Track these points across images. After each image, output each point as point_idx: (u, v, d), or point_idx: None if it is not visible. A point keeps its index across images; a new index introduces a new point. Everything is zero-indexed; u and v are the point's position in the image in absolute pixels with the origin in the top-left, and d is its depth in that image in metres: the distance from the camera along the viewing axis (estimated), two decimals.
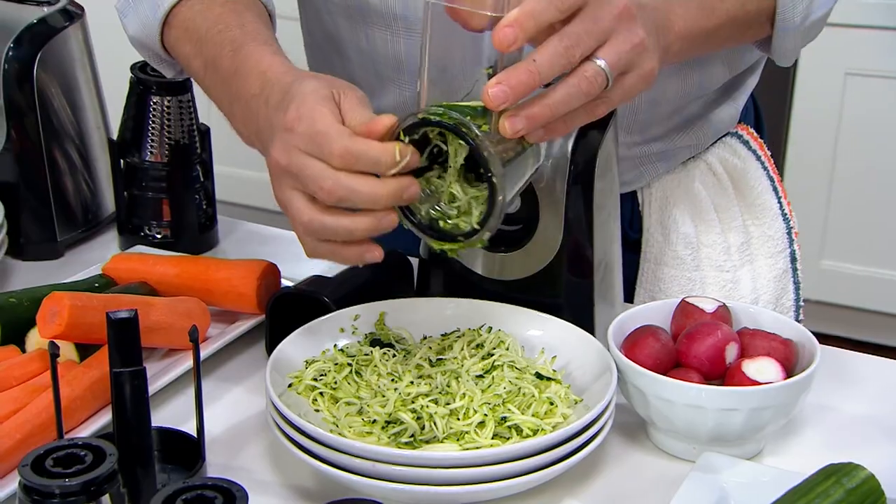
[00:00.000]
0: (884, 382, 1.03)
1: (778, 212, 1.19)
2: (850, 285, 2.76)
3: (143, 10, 1.06)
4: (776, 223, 1.19)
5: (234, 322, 1.06)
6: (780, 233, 1.19)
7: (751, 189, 1.18)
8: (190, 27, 1.03)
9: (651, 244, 1.17)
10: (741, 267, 1.18)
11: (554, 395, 0.88)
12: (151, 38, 1.07)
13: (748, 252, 1.18)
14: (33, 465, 0.74)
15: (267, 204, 3.26)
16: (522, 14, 0.80)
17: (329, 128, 0.83)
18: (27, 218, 1.21)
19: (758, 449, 0.92)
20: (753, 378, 0.89)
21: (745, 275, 1.18)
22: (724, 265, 1.17)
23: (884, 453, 0.92)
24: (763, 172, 1.20)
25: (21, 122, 1.18)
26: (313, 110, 0.84)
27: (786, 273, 1.20)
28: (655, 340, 0.92)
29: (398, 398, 0.86)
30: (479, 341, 0.95)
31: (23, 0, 1.22)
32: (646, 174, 1.17)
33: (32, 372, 0.93)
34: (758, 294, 1.17)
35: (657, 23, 0.90)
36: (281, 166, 0.86)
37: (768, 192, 1.20)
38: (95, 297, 0.96)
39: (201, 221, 1.24)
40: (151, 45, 1.08)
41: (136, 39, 1.10)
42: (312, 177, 0.83)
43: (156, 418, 0.84)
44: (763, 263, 1.19)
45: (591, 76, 0.82)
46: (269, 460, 0.91)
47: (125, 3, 1.09)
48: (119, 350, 0.81)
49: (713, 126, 1.18)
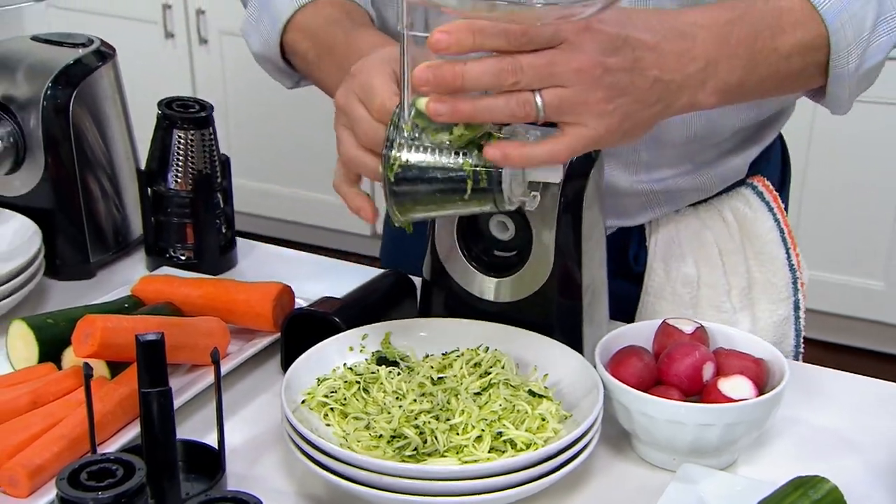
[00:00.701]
0: (848, 397, 1.03)
1: (785, 262, 1.14)
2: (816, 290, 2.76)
3: (265, 26, 1.12)
4: (782, 272, 1.14)
5: (252, 339, 1.07)
6: (785, 281, 1.15)
7: (759, 238, 1.14)
8: (305, 27, 1.09)
9: (653, 278, 1.14)
10: (741, 310, 1.14)
11: (545, 412, 0.88)
12: (272, 50, 1.12)
13: (749, 296, 1.14)
14: (69, 478, 0.75)
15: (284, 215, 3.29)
16: (465, 26, 0.78)
17: (379, 85, 0.88)
18: (62, 241, 1.21)
19: (732, 459, 0.92)
20: (728, 395, 0.89)
21: (745, 318, 1.14)
22: (722, 306, 1.13)
23: (847, 464, 0.92)
24: (774, 224, 1.14)
25: (58, 153, 1.19)
26: (374, 66, 0.89)
27: (787, 320, 1.15)
28: (639, 360, 0.92)
29: (402, 415, 0.86)
30: (476, 360, 0.95)
31: (61, 43, 1.23)
32: (651, 211, 1.13)
33: (68, 388, 0.94)
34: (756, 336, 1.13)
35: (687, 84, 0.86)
36: (339, 104, 0.92)
37: (776, 242, 1.14)
38: (125, 319, 0.96)
39: (221, 244, 1.24)
40: (272, 56, 1.13)
41: (259, 55, 1.15)
42: (356, 119, 0.89)
43: (179, 430, 0.85)
44: (764, 308, 1.14)
45: (521, 101, 0.80)
46: (284, 470, 0.91)
47: (248, 25, 1.14)
48: (147, 370, 0.82)
49: (720, 174, 1.13)
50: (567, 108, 0.81)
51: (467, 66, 0.79)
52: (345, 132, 0.91)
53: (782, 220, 1.16)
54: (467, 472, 0.80)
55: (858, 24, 0.94)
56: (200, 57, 3.23)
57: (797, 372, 1.01)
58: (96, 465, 0.76)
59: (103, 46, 1.24)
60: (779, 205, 1.16)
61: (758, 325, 1.14)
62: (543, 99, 0.80)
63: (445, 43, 0.78)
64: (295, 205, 3.31)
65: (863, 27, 0.95)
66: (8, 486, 0.84)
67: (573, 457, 0.85)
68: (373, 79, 0.88)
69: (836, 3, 0.93)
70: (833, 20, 0.93)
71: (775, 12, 0.92)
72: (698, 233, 1.13)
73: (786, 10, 0.93)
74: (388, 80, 0.88)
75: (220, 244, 1.24)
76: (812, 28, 0.93)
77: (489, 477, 0.80)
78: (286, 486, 0.89)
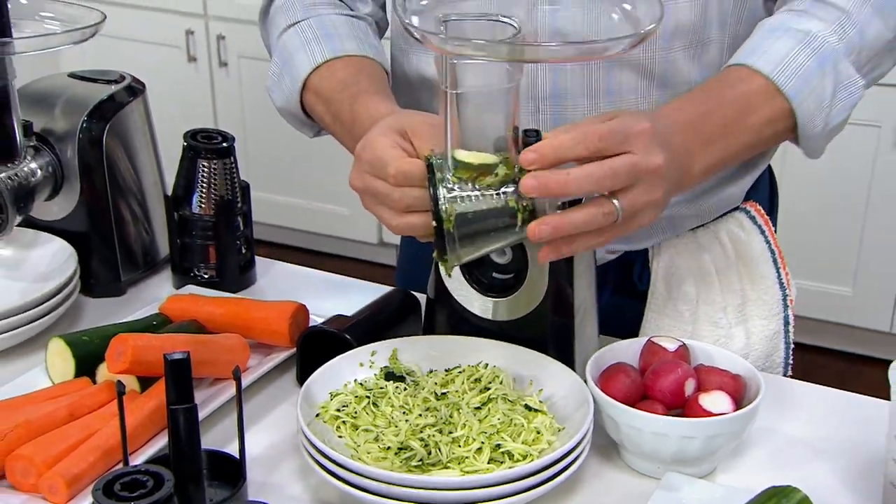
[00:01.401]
0: (818, 408, 1.03)
1: (776, 280, 1.15)
2: None
3: (286, 84, 1.12)
4: (773, 290, 1.15)
5: (270, 354, 1.07)
6: (776, 299, 1.15)
7: (752, 259, 1.14)
8: (319, 91, 1.08)
9: (655, 297, 1.14)
10: (736, 325, 1.14)
11: (540, 425, 0.89)
12: (294, 106, 1.12)
13: (743, 312, 1.14)
14: (104, 489, 0.76)
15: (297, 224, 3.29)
16: (549, 146, 0.82)
17: (387, 155, 0.88)
18: (96, 261, 1.21)
19: (712, 468, 0.93)
20: (708, 409, 0.89)
21: (740, 332, 1.14)
22: (719, 322, 1.13)
23: (816, 471, 0.93)
24: (765, 246, 1.15)
25: (92, 181, 1.19)
26: (375, 140, 0.90)
27: (778, 334, 1.16)
28: (626, 376, 0.93)
29: (409, 428, 0.87)
30: (477, 376, 0.96)
31: (95, 79, 1.23)
32: (655, 236, 1.14)
33: (102, 401, 0.94)
34: (749, 349, 1.13)
35: (678, 175, 0.90)
36: (358, 189, 0.92)
37: (768, 262, 1.15)
38: (154, 338, 0.97)
39: (242, 264, 1.24)
40: (294, 111, 1.13)
41: (283, 109, 1.15)
42: (381, 195, 0.89)
43: (203, 440, 0.84)
44: (757, 324, 1.14)
45: (608, 211, 0.84)
46: (300, 477, 0.91)
47: (272, 82, 1.15)
48: (174, 387, 0.82)
49: (718, 202, 1.14)
50: (638, 208, 0.86)
51: (570, 177, 0.82)
52: (380, 209, 0.91)
53: (773, 241, 1.17)
54: (468, 483, 0.81)
55: (819, 95, 0.98)
56: (220, 79, 3.24)
57: (772, 385, 1.01)
58: (129, 477, 0.77)
59: (134, 82, 1.25)
60: (769, 228, 1.17)
61: (751, 339, 1.15)
62: (621, 204, 0.84)
63: (531, 159, 0.82)
64: (307, 214, 3.31)
65: (823, 96, 0.98)
66: (48, 494, 0.85)
67: (566, 467, 0.85)
68: (378, 153, 0.88)
69: (796, 81, 0.97)
70: (795, 96, 0.97)
71: (743, 97, 0.96)
72: (697, 255, 1.14)
73: (752, 93, 0.97)
74: (393, 148, 0.88)
75: (241, 264, 1.24)
76: (777, 104, 0.97)
77: (489, 487, 0.81)
78: (302, 492, 0.90)
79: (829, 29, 0.98)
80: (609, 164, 0.83)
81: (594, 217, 0.84)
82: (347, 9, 1.17)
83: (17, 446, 0.87)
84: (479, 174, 0.85)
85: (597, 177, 0.83)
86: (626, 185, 0.84)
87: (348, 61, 1.09)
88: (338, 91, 1.06)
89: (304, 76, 1.09)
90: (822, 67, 0.97)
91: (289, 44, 1.12)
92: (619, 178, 0.84)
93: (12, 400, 0.95)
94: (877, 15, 0.99)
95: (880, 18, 1.00)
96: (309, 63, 1.09)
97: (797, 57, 0.97)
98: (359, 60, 1.09)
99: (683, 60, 1.03)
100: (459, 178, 0.85)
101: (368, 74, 1.07)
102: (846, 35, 0.98)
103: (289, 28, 1.13)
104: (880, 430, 0.85)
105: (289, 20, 1.14)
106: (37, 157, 1.17)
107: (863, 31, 0.99)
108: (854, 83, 1.00)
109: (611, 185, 0.84)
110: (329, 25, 1.12)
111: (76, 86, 1.22)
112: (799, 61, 0.97)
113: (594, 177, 0.83)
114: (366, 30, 1.16)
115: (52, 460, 0.86)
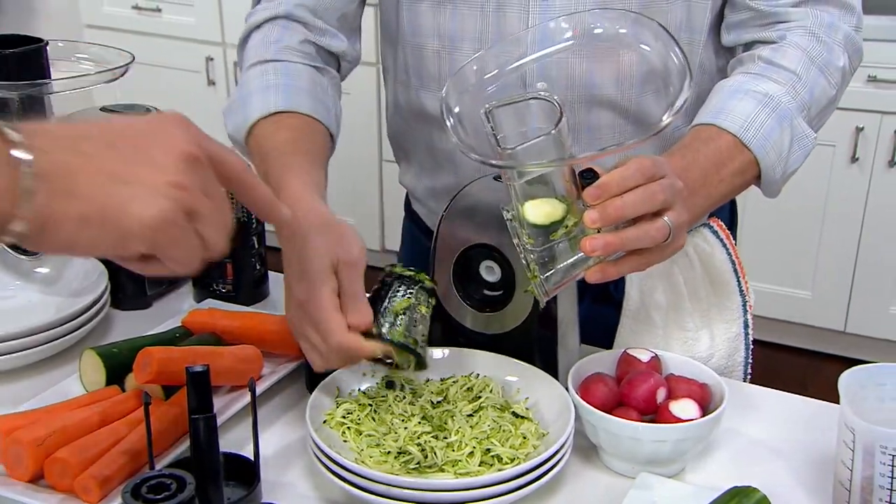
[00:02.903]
0: (777, 412, 1.04)
1: (736, 288, 1.16)
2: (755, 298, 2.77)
3: (237, 118, 1.08)
4: (734, 297, 1.16)
5: (282, 364, 1.07)
6: (736, 305, 1.16)
7: (715, 269, 1.16)
8: (261, 144, 1.04)
9: (630, 304, 1.15)
10: (701, 329, 1.15)
11: (526, 431, 0.89)
12: (240, 141, 1.09)
13: (708, 317, 1.16)
14: (132, 491, 0.76)
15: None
16: (610, 178, 0.83)
17: (329, 319, 0.85)
18: (124, 278, 1.21)
19: (681, 468, 0.94)
20: (678, 416, 0.90)
21: (705, 335, 1.15)
22: (686, 325, 1.14)
23: (775, 470, 0.94)
24: (727, 257, 1.16)
25: None
26: (319, 296, 0.86)
27: (738, 336, 1.17)
28: (604, 385, 0.94)
29: (407, 434, 0.87)
30: (469, 385, 0.96)
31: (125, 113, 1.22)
32: None
33: (130, 408, 0.95)
34: (713, 350, 1.15)
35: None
36: (295, 329, 0.90)
37: (730, 272, 1.16)
38: (177, 351, 0.97)
39: (256, 279, 1.25)
40: (241, 144, 1.10)
41: (231, 137, 1.11)
42: (316, 348, 0.88)
43: (221, 442, 0.84)
44: (720, 327, 1.16)
45: (660, 226, 0.85)
46: (309, 478, 0.91)
47: (228, 108, 1.10)
48: (195, 396, 0.82)
49: None
50: (678, 226, 0.86)
51: (625, 199, 0.82)
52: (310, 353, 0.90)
53: (734, 253, 1.18)
54: (461, 485, 0.82)
55: (779, 148, 1.02)
56: None
57: (735, 391, 1.02)
58: (154, 480, 0.78)
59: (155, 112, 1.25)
60: (730, 241, 1.18)
61: (715, 341, 1.16)
62: (671, 219, 0.85)
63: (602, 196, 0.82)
64: None
65: (782, 148, 1.02)
66: (83, 494, 0.85)
67: (550, 469, 0.86)
68: (324, 315, 0.86)
69: (759, 137, 1.01)
70: (759, 150, 1.01)
71: (716, 152, 1.00)
72: (667, 267, 1.15)
73: (723, 149, 1.00)
74: (333, 310, 0.86)
75: (255, 279, 1.24)
76: (745, 157, 1.01)
77: (480, 488, 0.82)
78: (311, 491, 0.90)
79: (783, 90, 1.02)
80: (658, 182, 0.84)
81: (646, 232, 0.84)
82: (319, 59, 1.13)
83: (54, 450, 0.87)
84: (549, 232, 0.86)
85: (649, 192, 0.83)
86: (670, 205, 0.85)
87: (295, 120, 1.04)
88: (271, 153, 1.01)
89: (254, 120, 1.05)
90: (780, 125, 1.01)
91: (251, 81, 1.08)
92: (667, 193, 0.84)
93: (50, 407, 0.95)
94: (821, 75, 1.04)
95: (824, 77, 1.04)
96: (261, 110, 1.05)
97: (758, 116, 1.01)
98: (305, 124, 1.05)
99: (654, 103, 1.05)
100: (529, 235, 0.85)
101: (306, 148, 1.02)
102: (798, 95, 1.03)
103: (256, 65, 1.10)
104: (833, 433, 0.86)
105: (259, 56, 1.10)
106: None
107: (812, 90, 1.04)
108: (807, 136, 1.04)
109: (662, 200, 0.84)
110: (293, 75, 1.08)
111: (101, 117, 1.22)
112: (760, 120, 1.01)
113: (648, 192, 0.83)
114: (325, 87, 1.11)
115: (85, 463, 0.86)
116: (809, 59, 1.04)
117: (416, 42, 1.11)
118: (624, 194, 0.82)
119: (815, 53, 1.04)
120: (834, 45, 1.05)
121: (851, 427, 0.81)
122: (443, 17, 1.07)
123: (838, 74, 1.05)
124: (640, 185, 0.83)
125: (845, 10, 1.06)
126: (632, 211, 0.83)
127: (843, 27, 1.06)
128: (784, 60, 1.04)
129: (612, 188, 0.83)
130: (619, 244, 0.83)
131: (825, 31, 1.05)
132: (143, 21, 3.26)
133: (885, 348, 2.75)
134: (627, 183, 0.83)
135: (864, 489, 0.81)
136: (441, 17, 1.07)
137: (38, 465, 0.87)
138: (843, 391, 0.84)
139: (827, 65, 1.04)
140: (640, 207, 0.83)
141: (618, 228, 0.84)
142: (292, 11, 1.12)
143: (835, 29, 1.05)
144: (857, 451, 0.80)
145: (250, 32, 1.15)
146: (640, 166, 0.84)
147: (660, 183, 0.84)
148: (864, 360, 2.76)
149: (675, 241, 0.87)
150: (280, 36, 1.11)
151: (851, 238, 2.68)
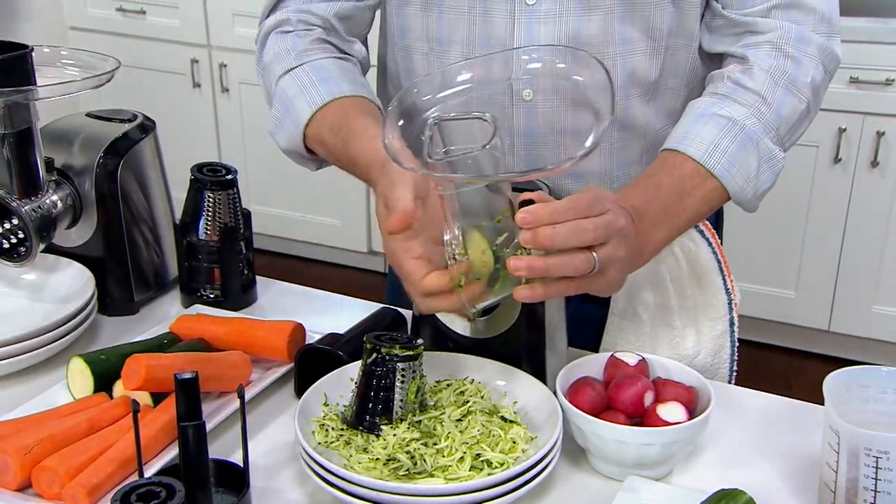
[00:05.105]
0: (763, 414, 1.04)
1: (722, 287, 1.17)
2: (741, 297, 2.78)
3: (289, 128, 1.11)
4: (719, 295, 1.17)
5: (270, 369, 1.07)
6: (722, 303, 1.17)
7: (701, 268, 1.16)
8: (317, 136, 1.08)
9: (617, 303, 1.16)
10: (687, 326, 1.16)
11: (515, 436, 0.89)
12: (298, 147, 1.12)
13: (693, 315, 1.16)
14: (122, 499, 0.76)
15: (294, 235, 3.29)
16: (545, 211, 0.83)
17: (412, 272, 0.88)
18: (111, 282, 1.21)
19: (669, 470, 0.94)
20: (665, 419, 0.90)
21: (690, 333, 1.16)
22: (673, 323, 1.15)
23: (761, 471, 0.94)
24: (713, 257, 1.17)
25: (107, 210, 1.19)
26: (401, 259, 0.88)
27: (724, 334, 1.18)
28: (592, 389, 0.94)
29: (395, 442, 0.87)
30: (462, 389, 0.96)
31: (110, 118, 1.23)
32: None
33: (118, 415, 0.94)
34: (700, 347, 1.16)
35: (636, 246, 0.93)
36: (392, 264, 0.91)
37: (715, 271, 1.17)
38: (165, 357, 0.97)
39: (243, 284, 1.25)
40: (299, 150, 1.13)
41: (287, 150, 1.14)
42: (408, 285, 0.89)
43: (210, 449, 0.84)
44: (706, 325, 1.16)
45: (585, 258, 0.85)
46: (298, 483, 0.91)
47: (274, 126, 1.14)
48: (184, 404, 0.82)
49: None
50: (608, 262, 0.87)
51: (556, 230, 0.83)
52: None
53: (719, 253, 1.19)
54: (452, 490, 0.82)
55: (745, 170, 1.02)
56: (223, 103, 3.23)
57: (722, 393, 1.02)
58: (143, 488, 0.78)
59: (146, 121, 1.24)
60: (716, 241, 1.19)
61: (701, 339, 1.17)
62: (599, 255, 0.85)
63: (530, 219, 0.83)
64: (302, 225, 3.31)
65: (749, 170, 1.03)
66: (71, 502, 0.85)
67: (539, 472, 0.86)
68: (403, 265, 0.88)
69: (723, 161, 1.01)
70: (723, 175, 1.01)
71: (679, 181, 1.00)
72: (654, 266, 1.16)
73: (686, 177, 1.01)
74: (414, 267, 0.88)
75: (243, 284, 1.24)
76: (710, 184, 1.02)
77: (470, 493, 0.82)
78: (300, 497, 0.90)
79: (747, 112, 1.03)
80: (593, 219, 0.85)
81: (570, 261, 0.85)
82: (337, 51, 1.17)
83: (42, 458, 0.87)
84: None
85: (580, 228, 0.84)
86: (602, 241, 0.86)
87: (342, 103, 1.08)
88: (332, 135, 1.06)
89: (306, 120, 1.09)
90: (745, 148, 1.02)
91: (287, 90, 1.12)
92: (599, 232, 0.85)
93: (37, 415, 0.95)
94: (787, 93, 1.04)
95: (791, 95, 1.04)
96: (309, 107, 1.09)
97: (722, 141, 1.01)
98: (351, 101, 1.09)
99: (639, 106, 1.05)
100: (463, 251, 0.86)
101: (359, 113, 1.06)
102: (763, 117, 1.03)
103: (285, 74, 1.13)
104: (818, 434, 0.86)
105: (284, 67, 1.13)
106: (58, 190, 1.17)
107: (778, 111, 1.04)
108: (775, 157, 1.05)
109: (593, 237, 0.85)
110: (323, 69, 1.12)
111: (93, 125, 1.22)
112: (724, 145, 1.01)
113: (579, 227, 0.84)
114: (353, 69, 1.16)
115: (74, 471, 0.86)
116: (773, 80, 1.03)
117: (405, 44, 1.12)
118: (556, 225, 0.83)
119: (780, 73, 1.04)
120: (804, 59, 1.04)
121: (836, 430, 0.81)
122: (431, 21, 1.08)
123: (807, 89, 1.05)
124: (571, 220, 0.84)
125: (816, 17, 1.05)
126: (561, 242, 0.83)
127: (814, 38, 1.05)
128: (750, 83, 1.04)
129: (544, 218, 0.83)
130: (542, 269, 0.84)
131: (794, 46, 1.04)
132: (128, 23, 3.25)
133: (869, 347, 2.77)
134: (556, 217, 0.84)
135: (849, 490, 0.81)
136: (429, 20, 1.08)
137: (26, 474, 0.87)
138: (827, 394, 0.84)
139: (793, 82, 1.04)
140: (569, 241, 0.84)
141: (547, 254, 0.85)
142: (309, 18, 1.15)
143: (805, 41, 1.04)
144: (841, 453, 0.81)
145: (267, 36, 1.18)
146: (575, 204, 0.85)
147: (594, 220, 0.85)
148: (847, 358, 2.78)
149: (606, 274, 0.88)
150: (294, 43, 1.14)
151: (835, 238, 2.69)
